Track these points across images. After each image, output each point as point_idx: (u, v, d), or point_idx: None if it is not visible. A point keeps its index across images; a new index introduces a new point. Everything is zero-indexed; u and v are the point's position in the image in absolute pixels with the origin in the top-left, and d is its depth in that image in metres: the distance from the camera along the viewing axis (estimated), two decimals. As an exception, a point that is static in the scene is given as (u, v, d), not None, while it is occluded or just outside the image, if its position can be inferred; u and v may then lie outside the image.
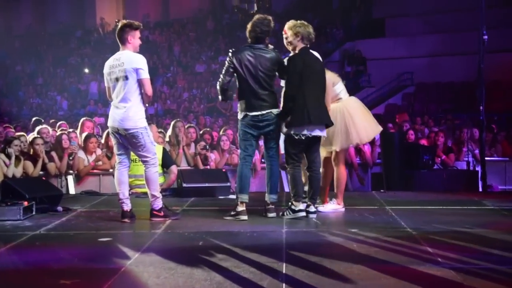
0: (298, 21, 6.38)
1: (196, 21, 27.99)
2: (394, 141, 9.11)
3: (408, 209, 6.97)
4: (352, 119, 6.54)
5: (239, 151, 6.53)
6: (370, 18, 23.38)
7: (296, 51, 6.35)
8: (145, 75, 6.13)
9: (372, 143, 10.11)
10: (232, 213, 6.35)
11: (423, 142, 10.32)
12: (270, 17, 6.40)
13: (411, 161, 9.32)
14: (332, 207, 6.70)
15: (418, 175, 9.21)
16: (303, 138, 6.25)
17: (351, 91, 22.66)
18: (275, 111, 6.33)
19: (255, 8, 28.73)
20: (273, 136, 6.43)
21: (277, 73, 6.37)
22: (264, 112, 6.29)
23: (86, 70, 26.25)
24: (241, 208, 6.31)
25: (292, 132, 6.27)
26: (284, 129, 6.34)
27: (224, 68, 6.31)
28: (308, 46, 6.38)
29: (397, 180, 8.95)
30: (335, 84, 6.59)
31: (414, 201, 7.59)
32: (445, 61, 20.73)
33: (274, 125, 6.36)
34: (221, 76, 6.33)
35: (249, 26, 6.36)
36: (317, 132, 6.29)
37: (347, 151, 6.75)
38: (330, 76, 6.53)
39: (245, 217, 6.28)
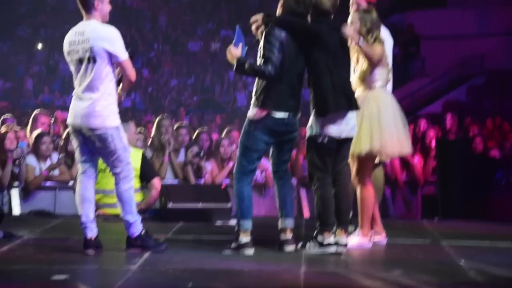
0: None
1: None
2: (454, 152, 9.13)
3: (472, 245, 6.99)
4: (378, 120, 6.63)
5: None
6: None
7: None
8: (123, 55, 6.17)
9: (426, 154, 10.14)
10: (233, 245, 6.38)
11: (495, 153, 10.34)
12: None
13: (478, 179, 9.34)
14: (355, 240, 6.75)
15: (487, 199, 9.23)
16: (327, 141, 6.36)
17: (398, 82, 22.77)
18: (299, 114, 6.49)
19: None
20: (292, 146, 6.57)
21: None
22: (292, 113, 6.37)
23: (40, 46, 26.38)
24: (245, 239, 6.35)
25: (315, 134, 6.38)
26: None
27: (269, 44, 6.28)
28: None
29: (457, 205, 8.98)
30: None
31: (480, 234, 7.60)
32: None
33: (296, 132, 6.49)
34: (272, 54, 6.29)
35: None
36: (344, 134, 6.39)
37: (372, 163, 6.79)
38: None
39: (251, 251, 6.32)
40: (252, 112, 6.37)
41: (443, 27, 21.73)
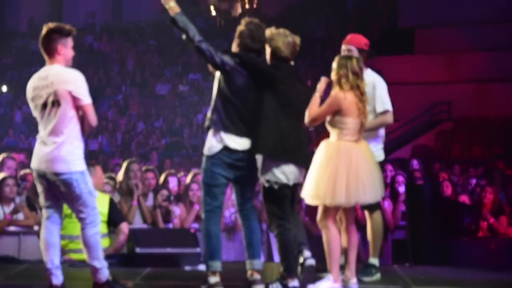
0: (273, 29, 6.61)
1: (158, 25, 28.18)
2: (424, 197, 9.18)
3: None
4: (357, 172, 6.65)
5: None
6: (394, 28, 23.67)
7: None
8: (86, 99, 6.17)
9: (394, 198, 10.18)
10: (203, 287, 6.36)
11: (464, 199, 10.39)
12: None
13: (447, 224, 9.37)
14: (325, 285, 6.73)
15: (456, 244, 9.26)
16: (282, 188, 6.41)
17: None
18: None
19: (239, 10, 29.08)
20: (252, 183, 6.56)
21: None
22: (246, 148, 6.39)
23: (4, 89, 26.28)
24: (213, 279, 6.34)
25: (268, 179, 6.43)
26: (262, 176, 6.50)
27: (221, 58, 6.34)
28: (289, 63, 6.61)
29: (427, 250, 9.00)
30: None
31: (450, 279, 7.61)
32: (496, 89, 21.00)
33: (255, 168, 6.47)
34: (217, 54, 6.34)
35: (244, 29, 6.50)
36: (297, 180, 6.50)
37: (337, 209, 6.83)
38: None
39: None
40: (210, 147, 6.40)
41: (412, 73, 21.96)
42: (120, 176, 9.52)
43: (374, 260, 7.34)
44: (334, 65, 6.71)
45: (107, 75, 25.67)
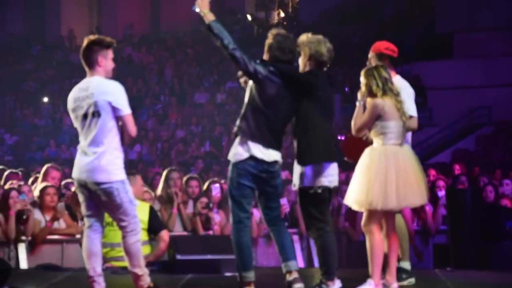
0: (310, 35, 6.71)
1: (196, 34, 28.29)
2: (465, 201, 9.11)
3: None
4: (405, 175, 6.63)
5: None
6: (433, 33, 23.57)
7: None
8: (126, 109, 6.24)
9: (435, 202, 10.13)
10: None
11: (506, 202, 10.31)
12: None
13: (489, 228, 9.30)
14: None
15: (498, 249, 9.19)
16: (320, 191, 6.50)
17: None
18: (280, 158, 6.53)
19: (276, 18, 29.11)
20: (277, 194, 6.59)
21: None
22: (273, 159, 6.43)
23: (46, 99, 26.56)
24: None
25: (305, 185, 6.50)
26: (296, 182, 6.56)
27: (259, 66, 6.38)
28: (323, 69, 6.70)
29: (469, 255, 8.93)
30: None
31: (492, 284, 7.58)
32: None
33: (280, 179, 6.54)
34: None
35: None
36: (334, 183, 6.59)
37: (381, 214, 6.81)
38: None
39: None
40: (235, 154, 6.44)
41: (450, 78, 21.86)
42: (160, 184, 9.58)
43: (404, 264, 7.30)
44: (362, 79, 6.74)
45: (146, 85, 25.82)
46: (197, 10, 6.43)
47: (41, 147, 23.64)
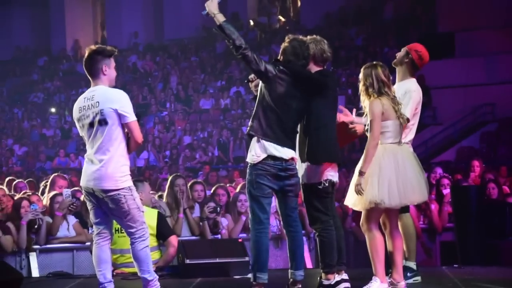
0: (308, 37, 6.77)
1: (200, 41, 28.33)
2: (470, 198, 9.11)
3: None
4: (405, 173, 6.66)
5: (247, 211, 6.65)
6: (434, 33, 23.56)
7: None
8: (131, 116, 6.27)
9: (440, 200, 10.12)
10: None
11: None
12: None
13: (495, 225, 9.29)
14: (375, 286, 6.73)
15: (505, 246, 9.16)
16: (327, 184, 6.56)
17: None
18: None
19: (278, 23, 29.11)
20: (296, 192, 6.61)
21: None
22: (291, 156, 6.47)
23: (53, 110, 26.64)
24: None
25: (313, 181, 6.55)
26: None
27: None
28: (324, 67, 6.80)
29: (475, 252, 8.91)
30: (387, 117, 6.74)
31: (501, 280, 7.54)
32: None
33: (297, 177, 6.57)
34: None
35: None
36: (336, 178, 6.66)
37: (380, 213, 6.83)
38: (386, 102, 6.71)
39: None
40: (253, 156, 6.47)
41: (453, 77, 21.82)
42: (166, 191, 9.59)
43: (409, 263, 7.31)
44: (361, 75, 6.77)
45: (151, 93, 25.86)
46: (207, 12, 6.45)
47: (50, 157, 23.70)
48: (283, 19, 29.09)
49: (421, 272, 8.08)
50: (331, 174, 6.59)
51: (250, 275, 7.35)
